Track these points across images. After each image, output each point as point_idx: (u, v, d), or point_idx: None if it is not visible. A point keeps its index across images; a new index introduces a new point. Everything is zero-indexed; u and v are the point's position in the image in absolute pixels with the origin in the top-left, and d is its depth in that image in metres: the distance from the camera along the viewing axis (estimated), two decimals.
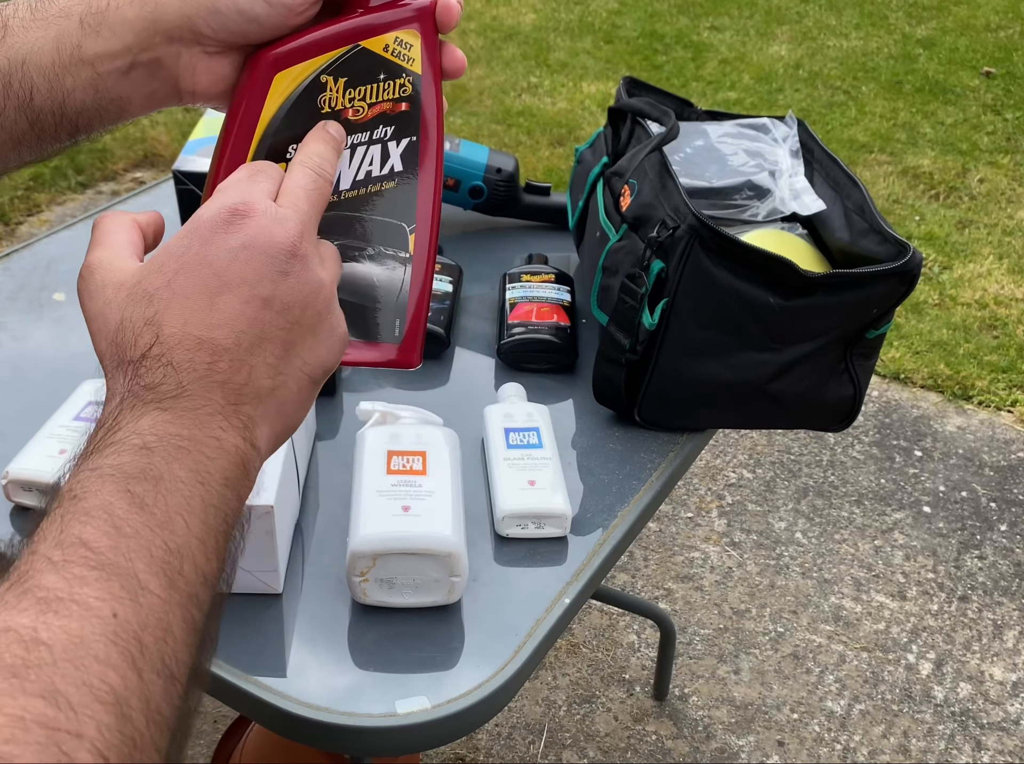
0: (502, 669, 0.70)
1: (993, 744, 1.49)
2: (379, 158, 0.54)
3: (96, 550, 0.35)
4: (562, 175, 2.92)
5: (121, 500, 0.37)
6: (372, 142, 0.53)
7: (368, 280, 0.56)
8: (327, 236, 0.53)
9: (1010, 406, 2.14)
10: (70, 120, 0.50)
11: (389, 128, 0.53)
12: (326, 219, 0.53)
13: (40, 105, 0.49)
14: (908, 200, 2.87)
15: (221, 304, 0.42)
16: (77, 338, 1.03)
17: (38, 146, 0.51)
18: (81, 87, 0.49)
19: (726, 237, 0.83)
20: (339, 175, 0.53)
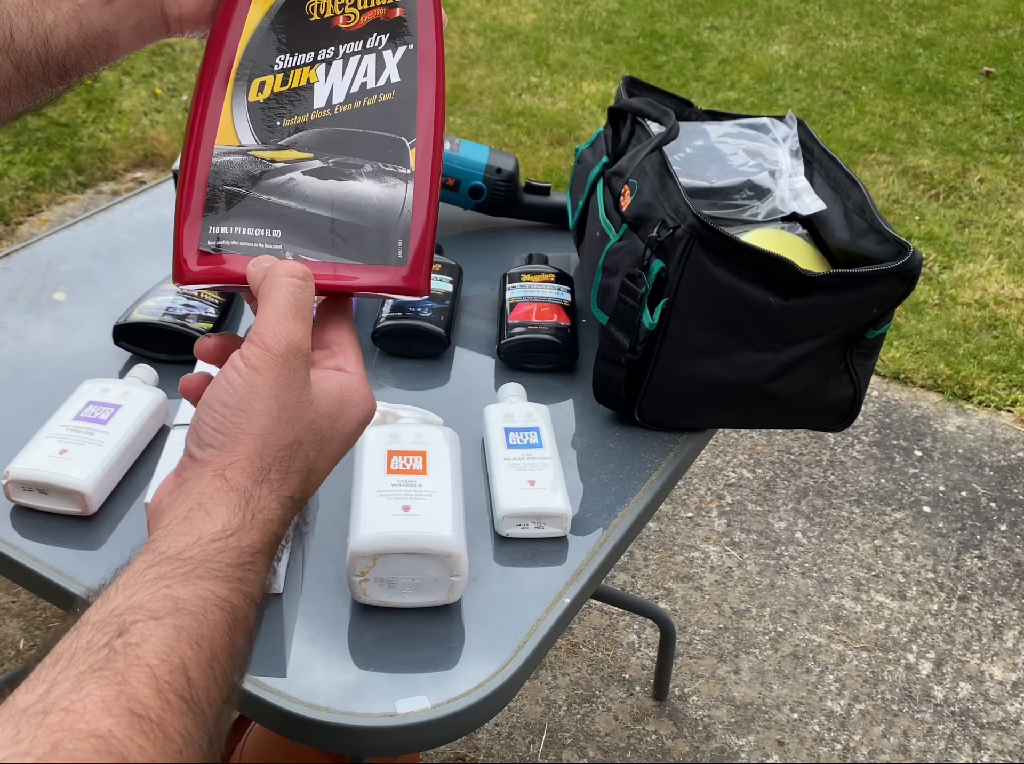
0: (502, 669, 0.70)
1: (993, 744, 1.49)
2: (374, 68, 0.51)
3: (192, 684, 0.40)
4: (562, 175, 2.92)
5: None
6: (366, 51, 0.51)
7: (367, 199, 0.52)
8: (321, 154, 0.51)
9: (1010, 406, 2.15)
10: (56, 60, 0.49)
11: (383, 36, 0.51)
12: (319, 135, 0.51)
13: (22, 45, 0.47)
14: (908, 200, 2.87)
15: (312, 452, 0.51)
16: (77, 338, 1.03)
17: (27, 92, 0.49)
18: (63, 21, 0.48)
19: (726, 237, 0.83)
20: (331, 87, 0.51)
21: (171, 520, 0.45)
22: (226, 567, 0.44)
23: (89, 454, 0.82)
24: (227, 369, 0.48)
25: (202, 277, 0.52)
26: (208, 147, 0.50)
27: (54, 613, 1.62)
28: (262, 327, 0.47)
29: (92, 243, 1.20)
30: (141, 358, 0.99)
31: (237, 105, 0.50)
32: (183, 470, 0.48)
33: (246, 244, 0.52)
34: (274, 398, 0.47)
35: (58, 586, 0.76)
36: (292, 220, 0.52)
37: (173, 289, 1.02)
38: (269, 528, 0.47)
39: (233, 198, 0.51)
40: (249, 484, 0.46)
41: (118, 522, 0.81)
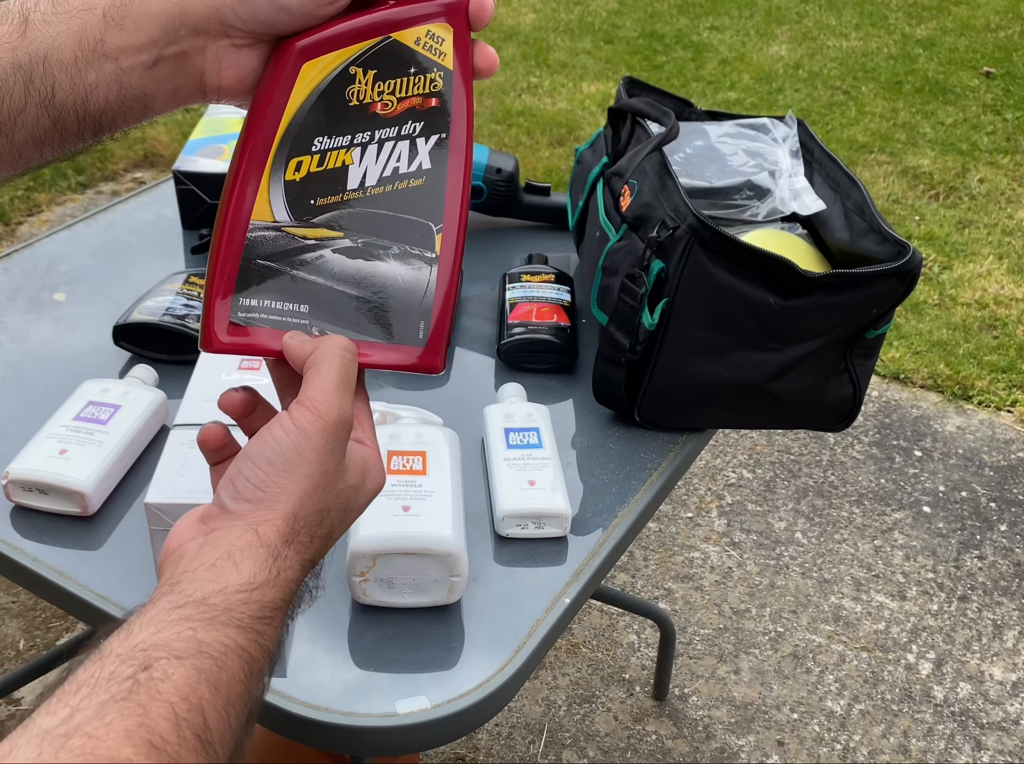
0: (502, 669, 0.70)
1: (993, 744, 1.49)
2: (407, 154, 0.53)
3: (208, 726, 0.41)
4: (562, 175, 2.92)
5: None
6: (400, 138, 0.52)
7: (392, 280, 0.54)
8: (351, 234, 0.53)
9: (1010, 406, 2.15)
10: (93, 118, 0.49)
11: (418, 124, 0.52)
12: (350, 215, 0.52)
13: (62, 102, 0.48)
14: (908, 200, 2.87)
15: (337, 520, 0.52)
16: (77, 338, 1.03)
17: (60, 145, 0.50)
18: (104, 83, 0.48)
19: (726, 237, 0.83)
20: (365, 170, 0.52)
21: (198, 565, 0.46)
22: (248, 618, 0.45)
23: (89, 454, 0.82)
24: (275, 428, 0.49)
25: (231, 348, 0.53)
26: (244, 221, 0.52)
27: (54, 613, 1.62)
28: (315, 393, 0.49)
29: (92, 243, 1.20)
30: (141, 358, 0.99)
31: (274, 183, 0.51)
32: (212, 519, 0.49)
33: (275, 318, 0.53)
34: (319, 465, 0.49)
35: (58, 586, 0.76)
36: (320, 296, 0.54)
37: (173, 289, 1.02)
38: (290, 588, 0.48)
39: (265, 272, 0.53)
40: (279, 543, 0.48)
41: (118, 522, 0.81)
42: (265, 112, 0.50)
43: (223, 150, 1.23)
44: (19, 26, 0.47)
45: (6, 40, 0.47)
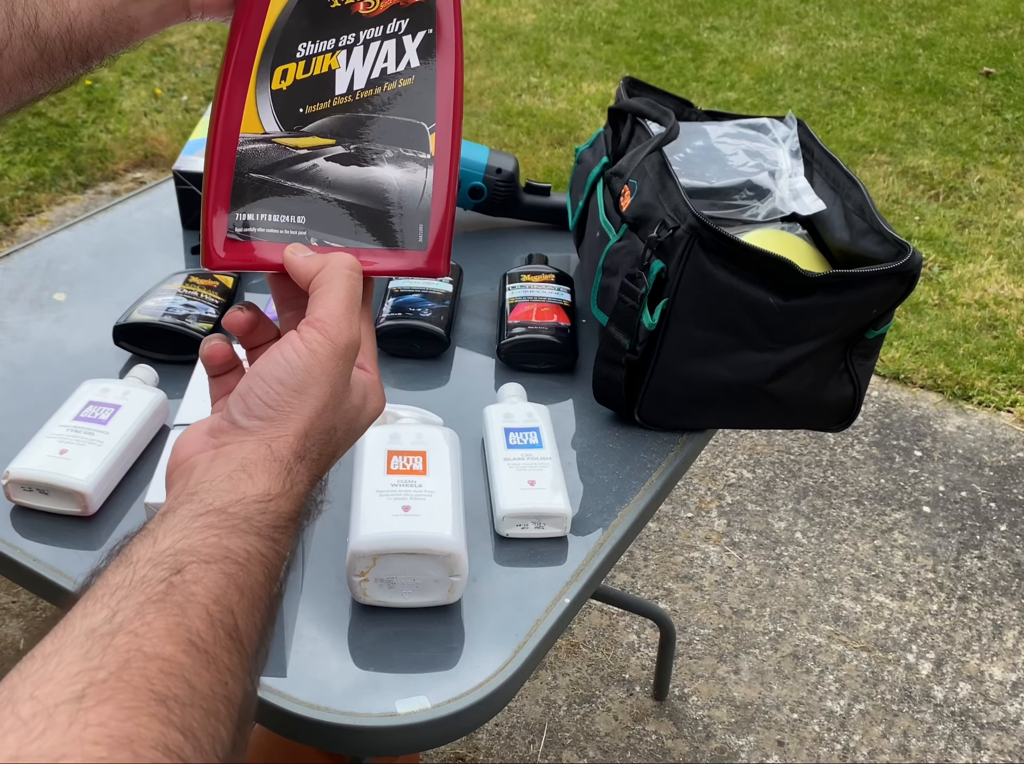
0: (502, 669, 0.70)
1: (993, 744, 1.49)
2: (394, 53, 0.51)
3: (238, 626, 0.43)
4: (562, 175, 2.92)
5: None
6: (386, 37, 0.51)
7: (388, 184, 0.53)
8: (343, 140, 0.52)
9: (1010, 406, 2.15)
10: (79, 45, 0.49)
11: (403, 21, 0.51)
12: (341, 121, 0.51)
13: (47, 31, 0.48)
14: (908, 200, 2.87)
15: (342, 438, 0.54)
16: (77, 338, 1.03)
17: (50, 75, 0.50)
18: (87, 8, 0.48)
19: (726, 237, 0.83)
20: (352, 73, 0.51)
21: (214, 477, 0.48)
22: (266, 527, 0.47)
23: (89, 454, 0.82)
24: (285, 348, 0.50)
25: (230, 263, 0.54)
26: (233, 135, 0.51)
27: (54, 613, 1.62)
28: (324, 315, 0.50)
29: (92, 243, 1.20)
30: (141, 358, 0.99)
31: (261, 93, 0.51)
32: (222, 433, 0.50)
33: (272, 231, 0.53)
34: (328, 385, 0.50)
35: (58, 586, 0.76)
36: (316, 206, 0.53)
37: (173, 289, 1.02)
38: (301, 500, 0.50)
39: (258, 185, 0.52)
40: (292, 459, 0.49)
41: (118, 522, 0.81)
42: (245, 22, 0.49)
43: None
44: None
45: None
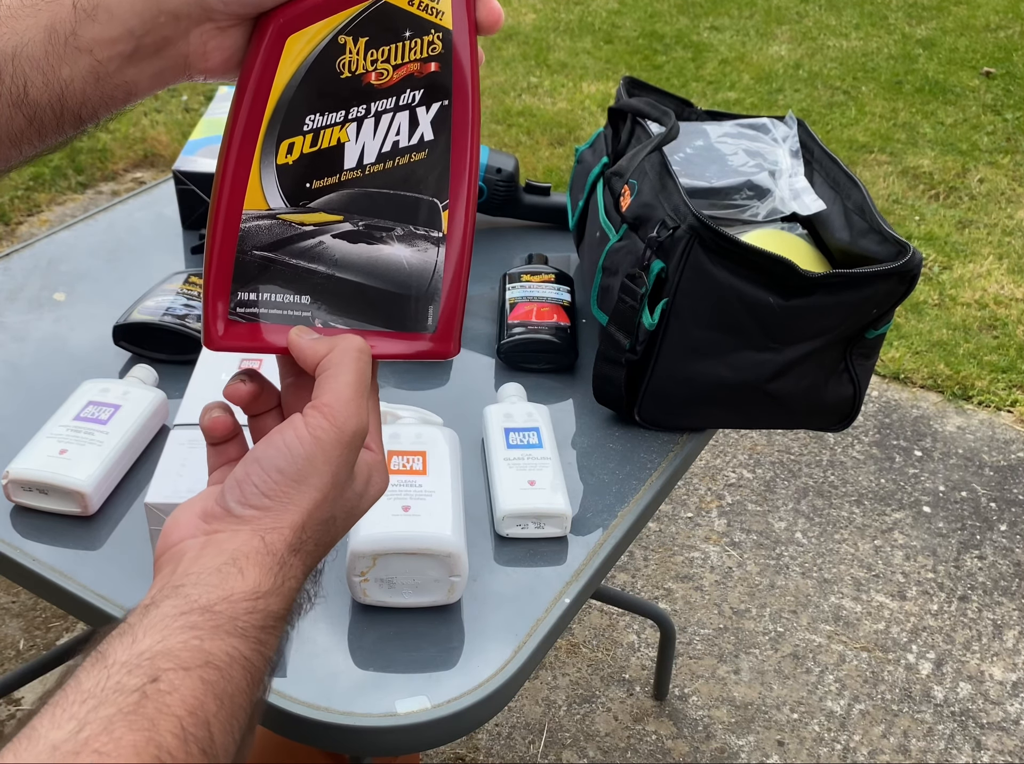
0: (502, 669, 0.70)
1: (993, 744, 1.49)
2: (407, 126, 0.49)
3: (214, 740, 0.41)
4: (562, 175, 2.92)
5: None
6: (399, 108, 0.48)
7: (397, 264, 0.51)
8: (351, 216, 0.49)
9: (1010, 406, 2.14)
10: (72, 112, 0.46)
11: (417, 92, 0.48)
12: (349, 197, 0.49)
13: (36, 99, 0.45)
14: (908, 200, 2.87)
15: (340, 527, 0.52)
16: (77, 338, 1.03)
17: (40, 141, 0.48)
18: (80, 76, 0.45)
19: (726, 237, 0.83)
20: (362, 147, 0.48)
21: (202, 569, 0.45)
22: (252, 628, 0.44)
23: (89, 454, 0.82)
24: (288, 433, 0.47)
25: (232, 346, 0.51)
26: (236, 212, 0.49)
27: (54, 613, 1.62)
28: (332, 400, 0.47)
29: (92, 243, 1.20)
30: (141, 358, 0.99)
31: (265, 167, 0.48)
32: (215, 520, 0.47)
33: (276, 311, 0.51)
34: (331, 475, 0.47)
35: (58, 586, 0.76)
36: (322, 286, 0.51)
37: (173, 289, 1.02)
38: (292, 596, 0.47)
39: (262, 264, 0.50)
40: (286, 552, 0.46)
41: (118, 522, 0.81)
42: (250, 94, 0.47)
43: None
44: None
45: None
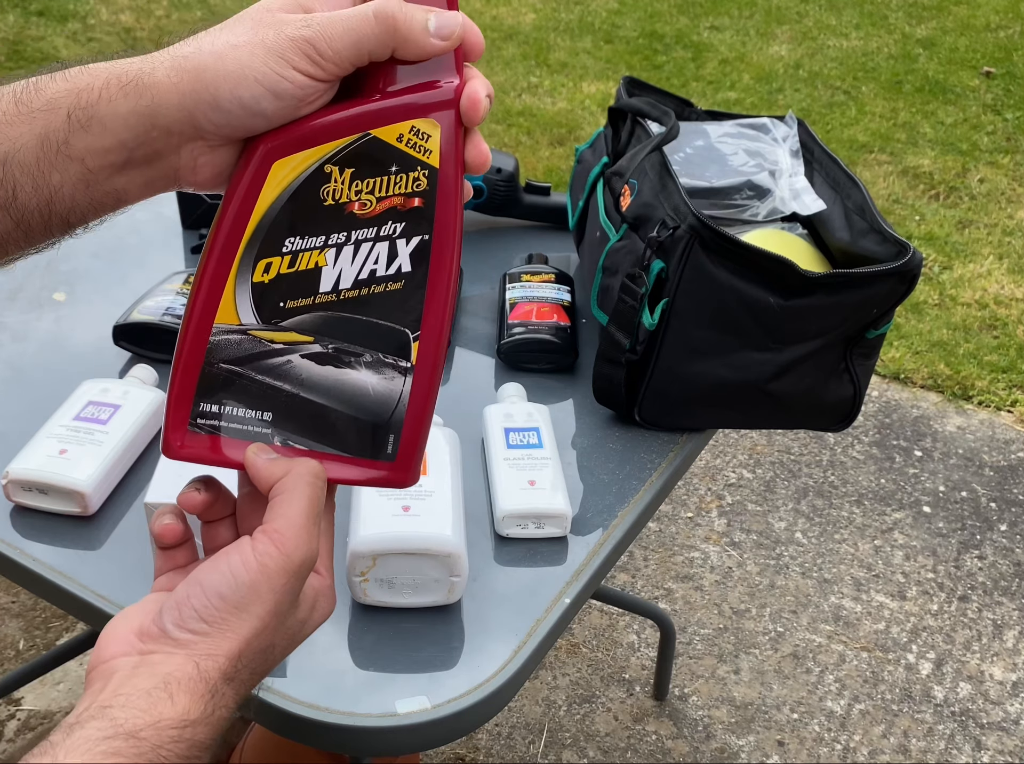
0: (502, 669, 0.70)
1: (993, 744, 1.49)
2: (385, 256, 0.49)
3: None
4: (562, 175, 2.92)
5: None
6: (379, 239, 0.49)
7: (363, 390, 0.51)
8: (321, 338, 0.50)
9: (1010, 406, 2.14)
10: (60, 217, 0.47)
11: (399, 225, 0.49)
12: (321, 319, 0.49)
13: (25, 203, 0.46)
14: (908, 200, 2.87)
15: (279, 654, 0.51)
16: (77, 338, 1.03)
17: (26, 242, 0.48)
18: (70, 183, 0.46)
19: (726, 237, 0.83)
20: (339, 272, 0.49)
21: (131, 691, 0.44)
22: (176, 757, 0.44)
23: (89, 454, 0.82)
24: (233, 559, 0.46)
25: (190, 456, 0.51)
26: (206, 325, 0.49)
27: (54, 613, 1.62)
28: (284, 527, 0.47)
29: (92, 243, 1.20)
30: (141, 358, 0.99)
31: (240, 284, 0.48)
32: (151, 640, 0.47)
33: (235, 426, 0.50)
34: (273, 604, 0.47)
35: (58, 586, 0.76)
36: (285, 404, 0.51)
37: (173, 289, 1.02)
38: (221, 725, 0.46)
39: (227, 377, 0.50)
40: (219, 681, 0.46)
41: (118, 522, 0.81)
42: (232, 212, 0.47)
43: None
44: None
45: None
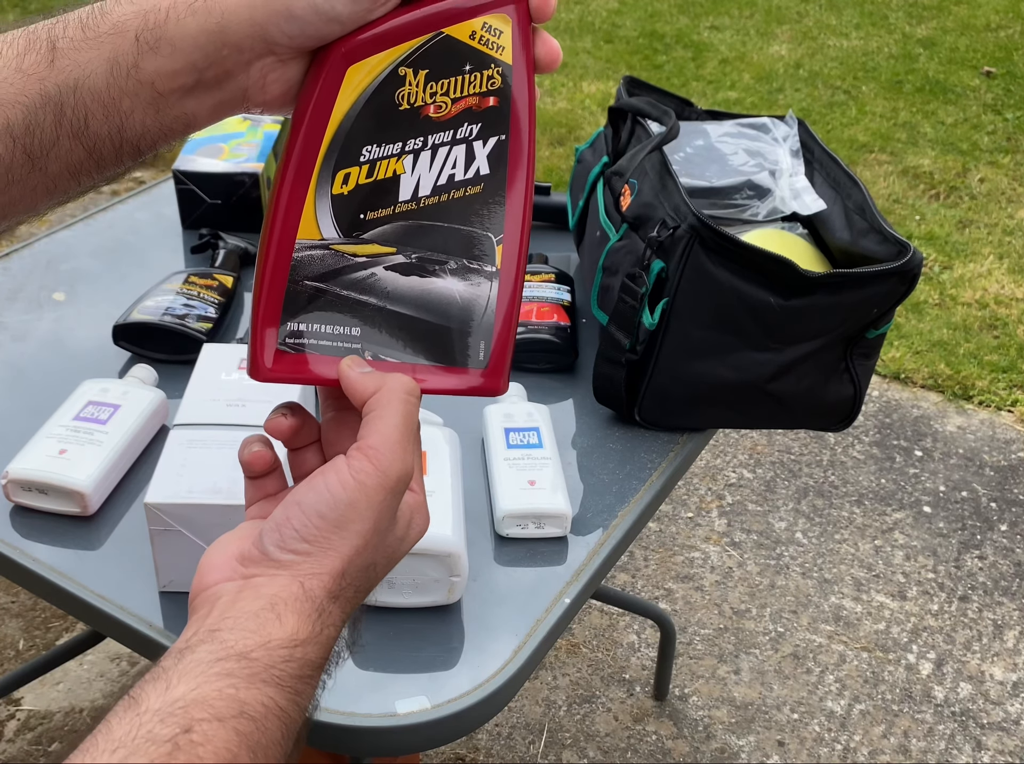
0: (502, 669, 0.70)
1: (993, 744, 1.49)
2: (463, 160, 0.48)
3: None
4: (562, 175, 2.92)
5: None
6: (456, 142, 0.48)
7: (450, 298, 0.50)
8: (404, 249, 0.49)
9: (1010, 406, 2.14)
10: (131, 143, 0.46)
11: (475, 126, 0.48)
12: (403, 229, 0.49)
13: (97, 131, 0.45)
14: (908, 200, 2.87)
15: (381, 572, 0.50)
16: (77, 338, 1.03)
17: (98, 172, 0.47)
18: (141, 108, 0.45)
19: (726, 237, 0.83)
20: (418, 179, 0.48)
21: (239, 613, 0.44)
22: (289, 677, 0.43)
23: (89, 454, 0.82)
24: (330, 477, 0.46)
25: (279, 376, 0.50)
26: (289, 241, 0.48)
27: (54, 613, 1.62)
28: (378, 443, 0.46)
29: (92, 243, 1.20)
30: (141, 358, 0.99)
31: (320, 198, 0.48)
32: (252, 563, 0.46)
33: (325, 343, 0.50)
34: (372, 522, 0.46)
35: (58, 586, 0.76)
36: (372, 318, 0.50)
37: (173, 289, 1.02)
38: (330, 645, 0.46)
39: (313, 294, 0.49)
40: (325, 600, 0.45)
41: (118, 522, 0.81)
42: (308, 123, 0.46)
43: (223, 149, 1.23)
44: (47, 55, 0.44)
45: (34, 71, 0.44)
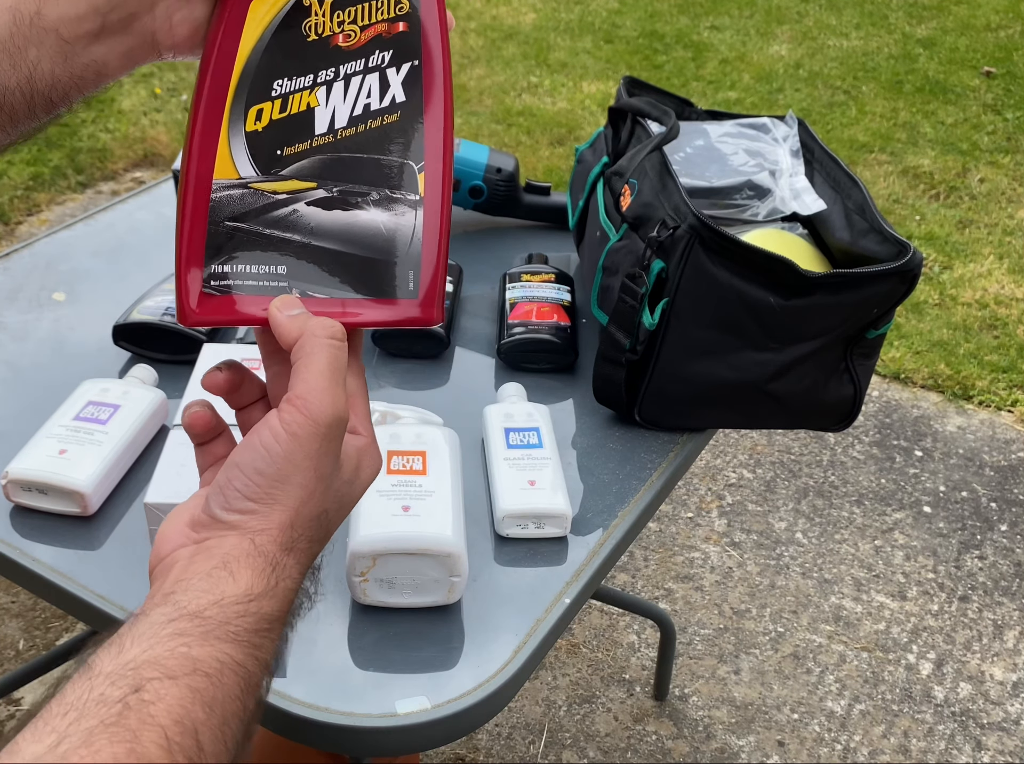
0: (502, 669, 0.70)
1: (993, 744, 1.49)
2: (378, 88, 0.48)
3: (202, 748, 0.40)
4: (562, 175, 2.92)
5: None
6: (368, 70, 0.48)
7: (374, 229, 0.50)
8: (325, 183, 0.49)
9: (1010, 406, 2.14)
10: (42, 94, 0.45)
11: (386, 53, 0.48)
12: (322, 163, 0.48)
13: (4, 83, 0.44)
14: (908, 200, 2.87)
15: (335, 518, 0.50)
16: (77, 338, 1.03)
17: (12, 127, 0.46)
18: (48, 57, 0.44)
19: (726, 237, 0.83)
20: (333, 111, 0.48)
21: (192, 575, 0.44)
22: (244, 632, 0.43)
23: (89, 454, 0.82)
24: (263, 433, 0.46)
25: (207, 320, 0.50)
26: (206, 182, 0.48)
27: (54, 613, 1.62)
28: (305, 393, 0.45)
29: (92, 243, 1.20)
30: (141, 358, 0.99)
31: (235, 136, 0.47)
32: (202, 528, 0.46)
33: (251, 283, 0.49)
34: (313, 470, 0.46)
35: (58, 586, 0.76)
36: (297, 255, 0.50)
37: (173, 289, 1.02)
38: (288, 597, 0.46)
39: (235, 234, 0.49)
40: (277, 552, 0.45)
41: (118, 522, 0.81)
42: (215, 60, 0.46)
43: None
44: None
45: None
